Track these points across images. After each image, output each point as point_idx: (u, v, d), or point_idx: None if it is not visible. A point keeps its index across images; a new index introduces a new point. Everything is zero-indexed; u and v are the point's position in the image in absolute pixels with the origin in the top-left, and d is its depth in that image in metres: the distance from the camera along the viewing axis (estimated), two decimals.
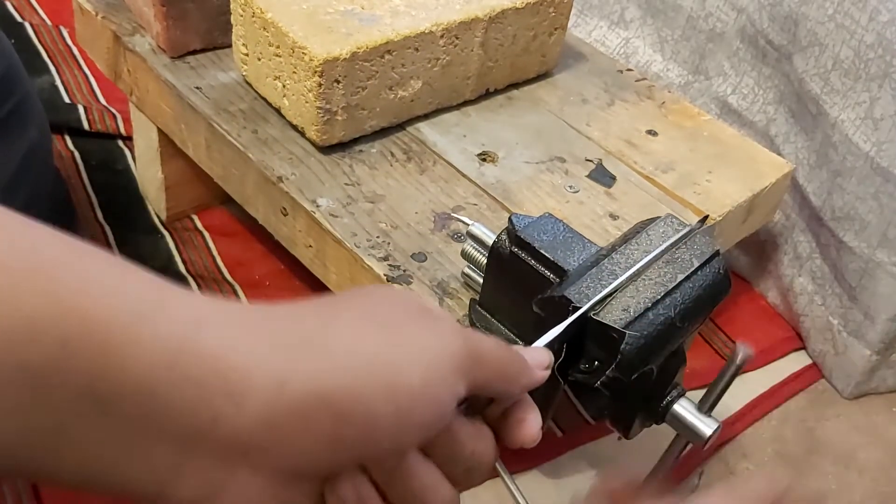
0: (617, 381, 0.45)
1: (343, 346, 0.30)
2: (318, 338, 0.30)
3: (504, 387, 0.34)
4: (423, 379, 0.30)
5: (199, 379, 0.27)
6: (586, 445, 0.73)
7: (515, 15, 0.71)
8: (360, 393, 0.29)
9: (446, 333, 0.31)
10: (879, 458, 0.76)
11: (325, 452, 0.29)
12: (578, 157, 0.70)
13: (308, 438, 0.28)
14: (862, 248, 0.75)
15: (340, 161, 0.66)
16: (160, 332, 0.27)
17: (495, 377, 0.33)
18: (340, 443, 0.29)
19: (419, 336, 0.31)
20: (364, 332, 0.30)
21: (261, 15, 0.65)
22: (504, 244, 0.50)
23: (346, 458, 0.30)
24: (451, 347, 0.31)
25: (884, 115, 0.71)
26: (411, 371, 0.30)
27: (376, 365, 0.29)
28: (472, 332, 0.33)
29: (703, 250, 0.48)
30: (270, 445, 0.28)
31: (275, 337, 0.29)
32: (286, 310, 0.31)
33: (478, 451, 0.34)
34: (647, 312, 0.45)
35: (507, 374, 0.34)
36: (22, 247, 0.26)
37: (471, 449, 0.33)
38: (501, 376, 0.34)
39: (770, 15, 0.81)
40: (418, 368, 0.30)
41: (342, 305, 0.32)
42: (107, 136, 0.95)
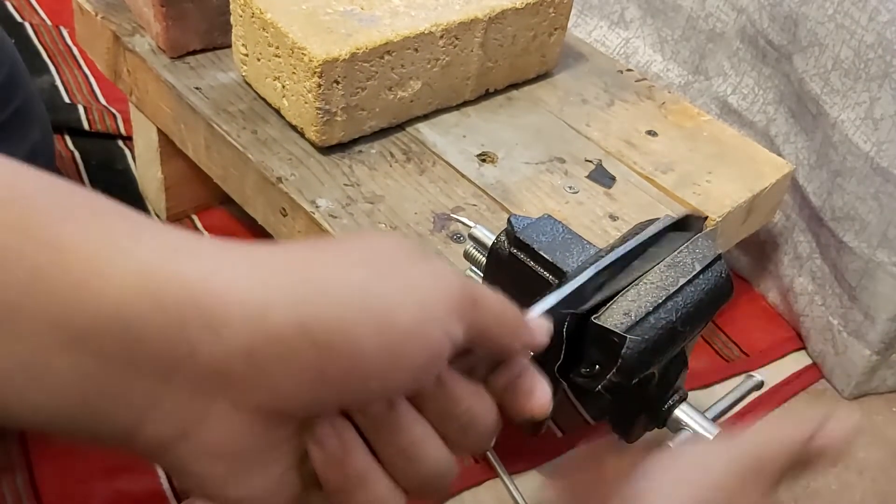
0: (618, 386, 0.45)
1: (331, 279, 0.28)
2: (304, 269, 0.28)
3: (503, 337, 0.32)
4: (416, 317, 0.28)
5: (175, 308, 0.25)
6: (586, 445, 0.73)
7: (515, 15, 0.71)
8: (346, 326, 0.27)
9: (443, 274, 0.30)
10: (879, 458, 0.76)
11: (308, 388, 0.27)
12: (578, 158, 0.70)
13: (290, 371, 0.27)
14: (862, 248, 0.75)
15: (340, 162, 0.66)
16: (134, 261, 0.25)
17: (494, 324, 0.31)
18: (324, 378, 0.27)
19: (414, 275, 0.29)
20: (355, 267, 0.29)
21: (260, 15, 0.65)
22: (503, 245, 0.50)
23: (331, 398, 0.28)
24: (447, 287, 0.29)
25: (884, 115, 0.71)
26: (403, 307, 0.28)
27: (366, 299, 0.28)
28: (468, 278, 0.32)
29: (705, 254, 0.48)
30: (250, 378, 0.26)
31: (256, 266, 0.27)
32: (271, 245, 0.29)
33: (475, 409, 0.31)
34: (649, 316, 0.45)
35: (506, 322, 0.32)
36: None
37: (466, 405, 0.31)
38: (500, 323, 0.32)
39: (770, 15, 0.81)
40: (411, 306, 0.28)
41: (334, 244, 0.31)
42: (107, 136, 0.95)
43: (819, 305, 0.82)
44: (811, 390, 0.82)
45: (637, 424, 0.53)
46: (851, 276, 0.77)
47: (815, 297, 0.82)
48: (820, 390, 0.82)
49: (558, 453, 0.72)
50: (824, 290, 0.81)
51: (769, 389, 0.81)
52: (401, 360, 0.28)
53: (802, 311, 0.84)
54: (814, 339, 0.83)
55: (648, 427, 0.55)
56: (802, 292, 0.84)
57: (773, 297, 0.89)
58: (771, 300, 0.90)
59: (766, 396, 0.80)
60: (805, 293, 0.83)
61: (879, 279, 0.74)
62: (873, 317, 0.76)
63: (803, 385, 0.82)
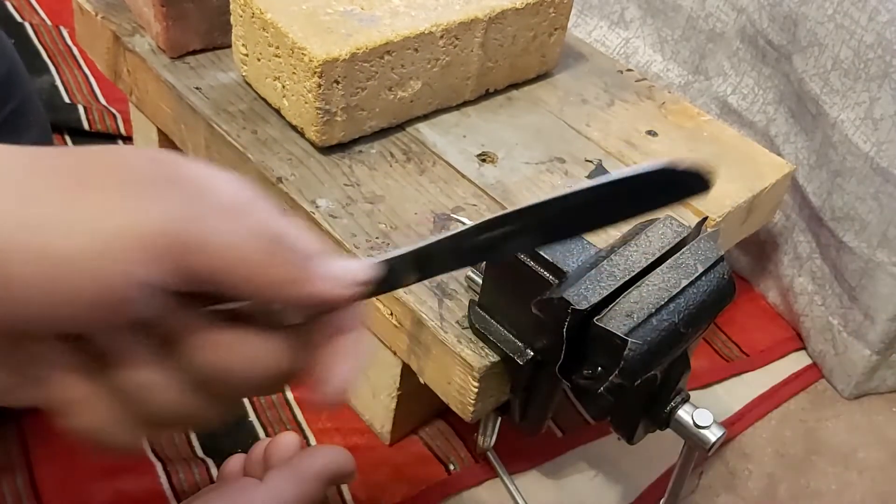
0: (620, 388, 0.45)
1: (4, 203, 0.26)
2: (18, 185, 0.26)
3: (255, 289, 0.29)
4: (83, 248, 0.26)
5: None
6: (586, 445, 0.73)
7: (515, 15, 0.71)
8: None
9: (155, 207, 0.27)
10: (879, 458, 0.76)
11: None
12: (578, 158, 0.70)
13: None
14: (862, 248, 0.75)
15: (340, 162, 0.66)
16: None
17: (227, 271, 0.28)
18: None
19: (114, 202, 0.27)
20: (46, 190, 0.27)
21: (260, 15, 0.65)
22: None
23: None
24: (144, 224, 0.27)
25: (883, 115, 0.71)
26: (69, 237, 0.26)
27: (25, 225, 0.26)
28: (215, 216, 0.28)
29: (708, 255, 0.48)
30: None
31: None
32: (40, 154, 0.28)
33: (221, 362, 0.29)
34: (651, 318, 0.45)
35: (251, 270, 0.28)
36: None
37: (205, 358, 0.29)
38: (238, 272, 0.28)
39: (770, 15, 0.81)
40: (80, 236, 0.26)
41: (67, 158, 0.29)
42: (107, 136, 0.95)
43: (819, 305, 0.82)
44: (811, 390, 0.82)
45: (639, 425, 0.54)
46: (851, 276, 0.77)
47: (814, 297, 0.82)
48: (820, 390, 0.82)
49: (558, 453, 0.72)
50: (824, 290, 0.81)
51: (769, 389, 0.81)
52: (61, 289, 0.26)
53: (802, 311, 0.84)
54: (814, 338, 0.84)
55: (650, 428, 0.55)
56: (802, 292, 0.84)
57: (773, 296, 0.89)
58: (771, 300, 0.90)
59: (766, 396, 0.80)
60: (805, 293, 0.83)
61: (879, 279, 0.75)
62: (873, 317, 0.76)
63: (803, 385, 0.82)
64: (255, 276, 0.28)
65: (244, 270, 0.28)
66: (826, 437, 0.78)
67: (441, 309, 0.55)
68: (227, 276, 0.28)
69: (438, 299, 0.56)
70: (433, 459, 0.70)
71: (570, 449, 0.72)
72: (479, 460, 0.70)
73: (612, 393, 0.53)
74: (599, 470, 0.71)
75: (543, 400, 0.55)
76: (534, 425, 0.57)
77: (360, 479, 0.67)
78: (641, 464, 0.72)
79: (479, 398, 0.54)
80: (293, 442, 0.50)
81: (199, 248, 0.27)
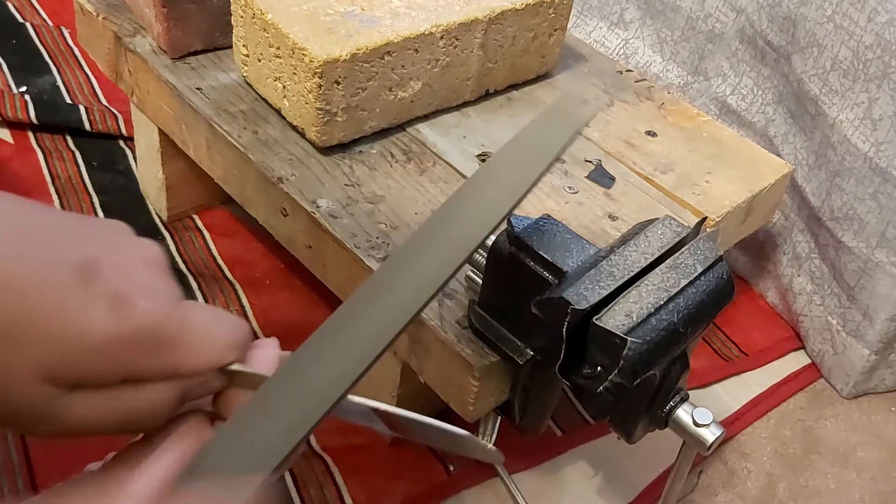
0: (619, 387, 0.45)
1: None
2: None
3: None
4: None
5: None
6: (586, 445, 0.73)
7: (515, 16, 0.71)
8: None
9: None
10: (878, 458, 0.77)
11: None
12: (578, 158, 0.70)
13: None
14: (861, 248, 0.75)
15: (340, 162, 0.66)
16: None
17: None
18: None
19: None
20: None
21: (261, 16, 0.65)
22: (503, 245, 0.50)
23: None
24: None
25: (882, 115, 0.71)
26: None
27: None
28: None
29: (707, 255, 0.48)
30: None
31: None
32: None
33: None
34: (650, 318, 0.45)
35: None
36: None
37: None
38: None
39: (769, 16, 0.81)
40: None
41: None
42: (108, 137, 0.96)
43: (818, 305, 0.82)
44: (810, 390, 0.82)
45: (638, 425, 0.54)
46: (850, 276, 0.77)
47: (813, 297, 0.83)
48: (818, 390, 0.82)
49: (558, 453, 0.72)
50: (823, 290, 0.82)
51: (768, 389, 0.81)
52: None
53: (801, 311, 0.84)
54: (812, 338, 0.84)
55: (650, 427, 0.55)
56: (801, 292, 0.84)
57: (772, 296, 0.89)
58: (770, 300, 0.90)
59: (764, 396, 0.80)
60: (804, 293, 0.84)
61: (878, 279, 0.75)
62: (872, 316, 0.76)
63: (802, 385, 0.82)
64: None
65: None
66: (825, 436, 0.78)
67: (441, 309, 0.55)
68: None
69: (438, 299, 0.56)
70: (433, 459, 0.70)
71: (569, 448, 0.73)
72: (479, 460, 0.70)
73: (611, 392, 0.53)
74: (599, 469, 0.72)
75: (543, 400, 0.55)
76: (534, 425, 0.57)
77: (360, 479, 0.67)
78: (641, 463, 0.72)
79: (479, 398, 0.54)
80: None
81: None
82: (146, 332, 0.31)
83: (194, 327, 0.33)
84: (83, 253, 0.31)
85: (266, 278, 0.83)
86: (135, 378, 0.32)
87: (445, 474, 0.69)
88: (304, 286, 0.82)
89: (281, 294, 0.82)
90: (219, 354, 0.33)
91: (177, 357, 0.32)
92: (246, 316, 0.79)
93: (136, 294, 0.31)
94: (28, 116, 0.94)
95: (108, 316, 0.30)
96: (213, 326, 0.34)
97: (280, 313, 0.80)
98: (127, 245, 0.33)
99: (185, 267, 0.83)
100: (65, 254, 0.31)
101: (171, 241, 0.85)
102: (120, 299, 0.31)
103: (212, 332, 0.34)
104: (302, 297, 0.81)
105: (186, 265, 0.83)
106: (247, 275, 0.83)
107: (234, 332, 0.34)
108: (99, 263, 0.31)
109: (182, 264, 0.83)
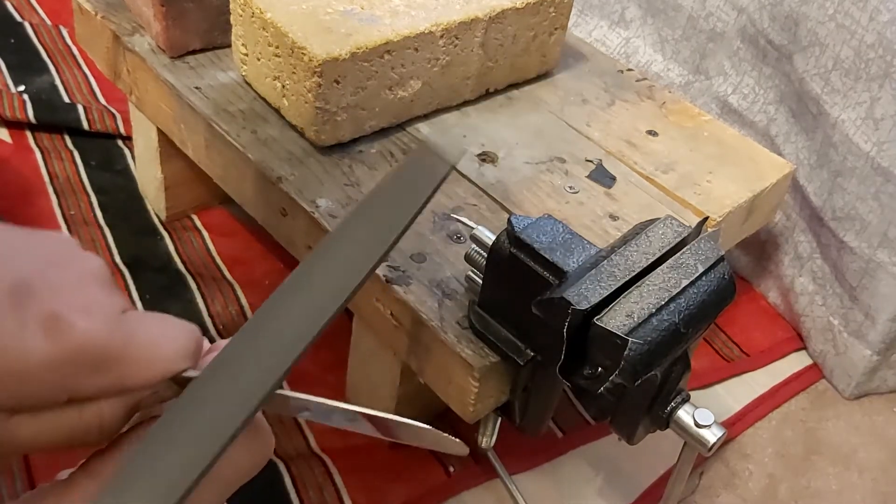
0: (620, 388, 0.45)
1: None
2: None
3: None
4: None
5: None
6: (586, 445, 0.73)
7: (515, 15, 0.71)
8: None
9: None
10: (880, 459, 0.76)
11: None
12: (578, 158, 0.70)
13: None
14: (862, 248, 0.75)
15: (340, 161, 0.66)
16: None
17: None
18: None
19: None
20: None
21: (260, 15, 0.65)
22: (503, 245, 0.50)
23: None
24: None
25: (884, 115, 0.71)
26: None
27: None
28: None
29: (708, 255, 0.48)
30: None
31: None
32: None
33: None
34: (652, 318, 0.44)
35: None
36: None
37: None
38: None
39: (770, 15, 0.81)
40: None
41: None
42: (106, 136, 0.95)
43: (819, 305, 0.82)
44: (811, 390, 0.82)
45: (639, 425, 0.53)
46: (852, 276, 0.77)
47: (815, 297, 0.82)
48: (820, 390, 0.82)
49: (558, 453, 0.72)
50: (825, 290, 0.81)
51: (770, 389, 0.81)
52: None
53: (803, 311, 0.84)
54: (814, 339, 0.83)
55: (651, 428, 0.55)
56: (803, 292, 0.84)
57: (773, 297, 0.89)
58: (771, 300, 0.89)
59: (766, 396, 0.80)
60: (805, 293, 0.83)
61: (880, 279, 0.74)
62: (874, 317, 0.76)
63: (803, 385, 0.82)
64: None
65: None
66: (826, 437, 0.78)
67: (441, 309, 0.55)
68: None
69: (438, 299, 0.56)
70: (433, 460, 0.70)
71: (570, 449, 0.72)
72: (479, 460, 0.70)
73: (612, 393, 0.53)
74: (599, 470, 0.71)
75: (543, 400, 0.55)
76: (534, 426, 0.57)
77: (360, 480, 0.67)
78: (642, 464, 0.72)
79: (479, 398, 0.54)
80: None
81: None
82: (85, 352, 0.31)
83: (140, 340, 0.32)
84: (16, 274, 0.31)
85: (265, 278, 0.83)
86: (81, 397, 0.31)
87: (445, 475, 0.69)
88: None
89: None
90: (167, 365, 0.33)
91: (123, 372, 0.32)
92: (245, 316, 0.78)
93: (74, 313, 0.31)
94: (26, 116, 0.94)
95: (42, 339, 0.30)
96: (161, 336, 0.33)
97: None
98: (67, 260, 0.33)
99: (183, 267, 0.83)
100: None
101: (169, 241, 0.85)
102: (55, 320, 0.30)
103: (160, 343, 0.33)
104: None
105: (185, 265, 0.83)
106: (246, 275, 0.83)
107: (184, 341, 0.34)
108: (33, 284, 0.31)
109: (181, 264, 0.83)
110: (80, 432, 0.32)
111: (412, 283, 0.57)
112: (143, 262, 0.82)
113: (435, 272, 0.58)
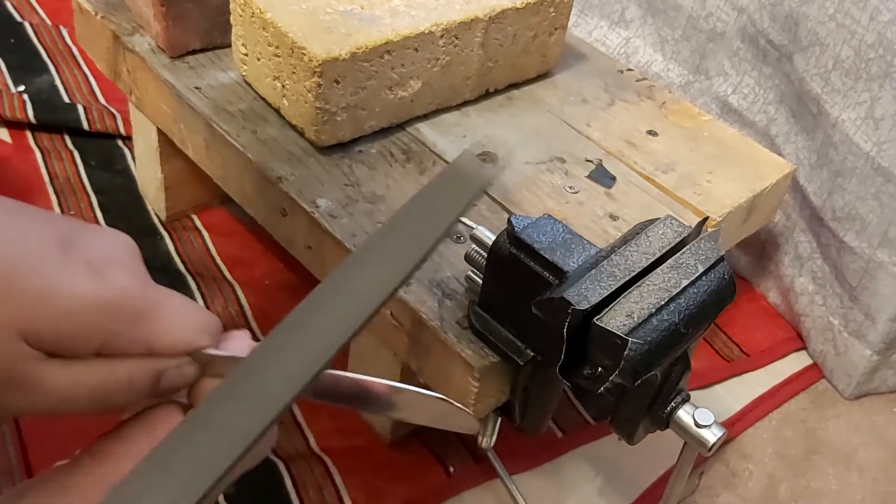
0: (620, 388, 0.45)
1: None
2: None
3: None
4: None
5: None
6: (586, 445, 0.73)
7: (515, 15, 0.70)
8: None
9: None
10: (880, 459, 0.76)
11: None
12: (578, 158, 0.70)
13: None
14: (863, 248, 0.75)
15: (340, 161, 0.66)
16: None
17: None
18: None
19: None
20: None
21: (260, 15, 0.65)
22: (503, 245, 0.50)
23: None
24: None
25: (884, 114, 0.71)
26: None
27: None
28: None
29: (708, 255, 0.48)
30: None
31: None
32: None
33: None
34: (652, 318, 0.44)
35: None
36: None
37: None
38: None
39: (771, 15, 0.81)
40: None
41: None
42: (106, 136, 0.95)
43: (819, 305, 0.82)
44: (811, 390, 0.82)
45: (639, 426, 0.53)
46: (852, 276, 0.77)
47: (815, 297, 0.82)
48: (820, 390, 0.82)
49: (558, 453, 0.72)
50: (825, 290, 0.81)
51: (770, 389, 0.81)
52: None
53: (803, 311, 0.84)
54: (814, 339, 0.83)
55: (651, 428, 0.55)
56: (803, 292, 0.84)
57: (773, 297, 0.89)
58: (771, 300, 0.89)
59: (766, 396, 0.80)
60: (805, 293, 0.83)
61: (880, 279, 0.74)
62: (874, 317, 0.76)
63: (804, 385, 0.82)
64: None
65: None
66: (827, 437, 0.78)
67: (441, 309, 0.55)
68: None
69: (438, 299, 0.56)
70: (433, 460, 0.70)
71: (570, 449, 0.72)
72: (479, 460, 0.70)
73: (612, 393, 0.53)
74: (600, 470, 0.71)
75: (543, 400, 0.55)
76: (534, 426, 0.57)
77: (360, 480, 0.67)
78: (642, 464, 0.72)
79: (479, 398, 0.54)
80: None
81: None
82: (123, 301, 0.33)
83: (169, 307, 0.34)
84: (64, 230, 0.33)
85: (265, 278, 0.83)
86: (110, 350, 0.33)
87: (445, 476, 0.69)
88: (304, 286, 0.81)
89: (280, 294, 0.81)
90: (193, 335, 0.35)
91: (152, 331, 0.34)
92: (245, 316, 0.78)
93: (115, 267, 0.33)
94: (26, 116, 0.94)
95: (86, 280, 0.32)
96: (186, 309, 0.35)
97: (279, 314, 0.79)
98: (105, 232, 0.35)
99: (183, 267, 0.82)
100: (46, 227, 0.33)
101: (169, 241, 0.85)
102: (98, 267, 0.32)
103: (186, 314, 0.35)
104: (301, 297, 0.81)
105: (185, 265, 0.83)
106: (246, 275, 0.83)
107: (206, 318, 0.36)
108: (78, 239, 0.33)
109: (181, 264, 0.83)
110: (107, 390, 0.33)
111: (412, 283, 0.57)
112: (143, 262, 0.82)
113: (435, 272, 0.58)
